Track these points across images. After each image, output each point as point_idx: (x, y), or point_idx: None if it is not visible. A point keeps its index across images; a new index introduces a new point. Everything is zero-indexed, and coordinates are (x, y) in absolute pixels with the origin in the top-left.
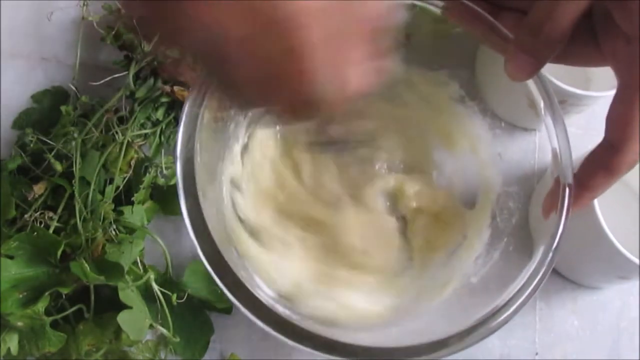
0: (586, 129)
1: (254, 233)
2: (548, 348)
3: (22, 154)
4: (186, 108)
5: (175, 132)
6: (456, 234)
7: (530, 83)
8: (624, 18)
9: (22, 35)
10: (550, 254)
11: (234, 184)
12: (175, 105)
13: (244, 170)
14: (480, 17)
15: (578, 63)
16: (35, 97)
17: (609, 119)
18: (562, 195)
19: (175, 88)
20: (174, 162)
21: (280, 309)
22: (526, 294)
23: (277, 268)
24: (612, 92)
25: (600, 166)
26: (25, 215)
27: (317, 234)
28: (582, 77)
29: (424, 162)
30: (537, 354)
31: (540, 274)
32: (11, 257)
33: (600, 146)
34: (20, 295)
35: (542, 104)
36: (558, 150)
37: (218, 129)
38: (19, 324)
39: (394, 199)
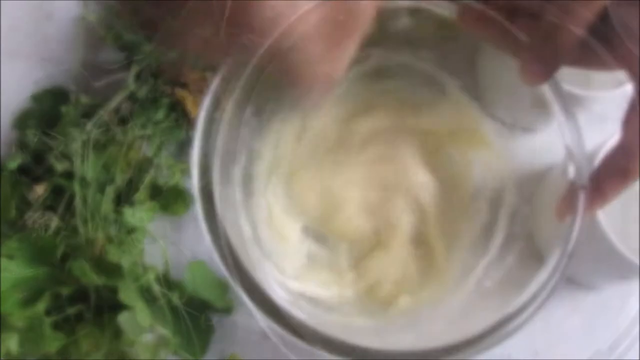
0: (586, 130)
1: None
2: (548, 348)
3: (23, 153)
4: (204, 108)
5: (185, 133)
6: (474, 239)
7: None
8: (638, 22)
9: (22, 35)
10: (565, 259)
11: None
12: (176, 106)
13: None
14: (494, 22)
15: (592, 67)
16: (35, 97)
17: (625, 124)
18: (577, 198)
19: (176, 89)
20: (191, 167)
21: (296, 312)
22: (540, 299)
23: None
24: (612, 92)
25: (616, 170)
26: (26, 216)
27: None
28: (582, 77)
29: (436, 166)
30: (537, 353)
31: (555, 278)
32: (11, 257)
33: (615, 150)
34: (21, 296)
35: (554, 102)
36: (572, 151)
37: (234, 130)
38: (19, 324)
39: (411, 205)
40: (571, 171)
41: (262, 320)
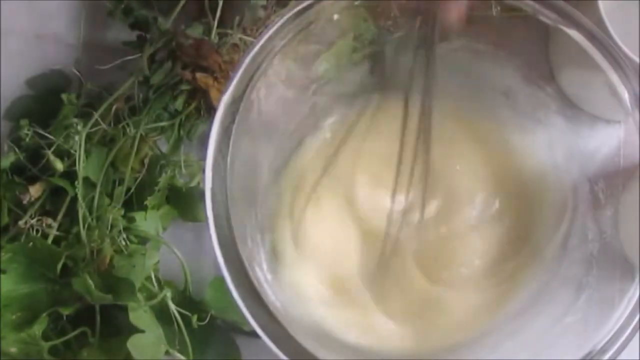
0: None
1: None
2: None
3: (16, 150)
4: (222, 103)
5: (199, 126)
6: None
7: (610, 70)
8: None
9: (15, 9)
10: None
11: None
12: (196, 94)
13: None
14: None
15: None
16: (31, 83)
17: None
18: None
19: (197, 74)
20: (203, 171)
21: (311, 344)
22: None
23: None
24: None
25: None
26: (20, 222)
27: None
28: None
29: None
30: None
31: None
32: (3, 272)
33: None
34: (14, 317)
35: (626, 95)
36: None
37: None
38: (12, 349)
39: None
40: None
41: (252, 320)
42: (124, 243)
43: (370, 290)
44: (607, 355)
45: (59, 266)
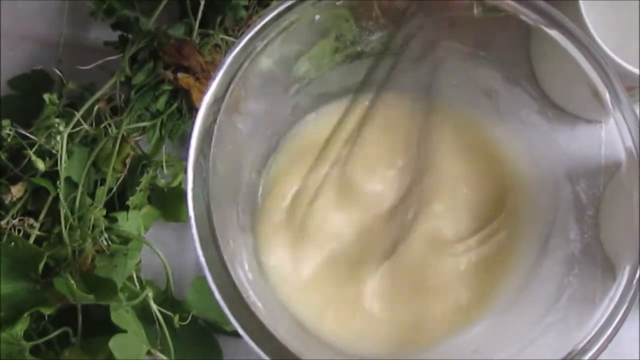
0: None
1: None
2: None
3: None
4: (204, 103)
5: (180, 126)
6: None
7: (591, 71)
8: None
9: None
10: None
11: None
12: (178, 94)
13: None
14: None
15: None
16: (13, 83)
17: None
18: None
19: (179, 74)
20: (185, 171)
21: (293, 344)
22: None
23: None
24: None
25: None
26: (2, 222)
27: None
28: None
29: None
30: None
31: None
32: None
33: None
34: None
35: (607, 95)
36: (634, 152)
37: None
38: None
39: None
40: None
41: (234, 320)
42: (105, 243)
43: (360, 288)
44: (588, 356)
45: (41, 266)
